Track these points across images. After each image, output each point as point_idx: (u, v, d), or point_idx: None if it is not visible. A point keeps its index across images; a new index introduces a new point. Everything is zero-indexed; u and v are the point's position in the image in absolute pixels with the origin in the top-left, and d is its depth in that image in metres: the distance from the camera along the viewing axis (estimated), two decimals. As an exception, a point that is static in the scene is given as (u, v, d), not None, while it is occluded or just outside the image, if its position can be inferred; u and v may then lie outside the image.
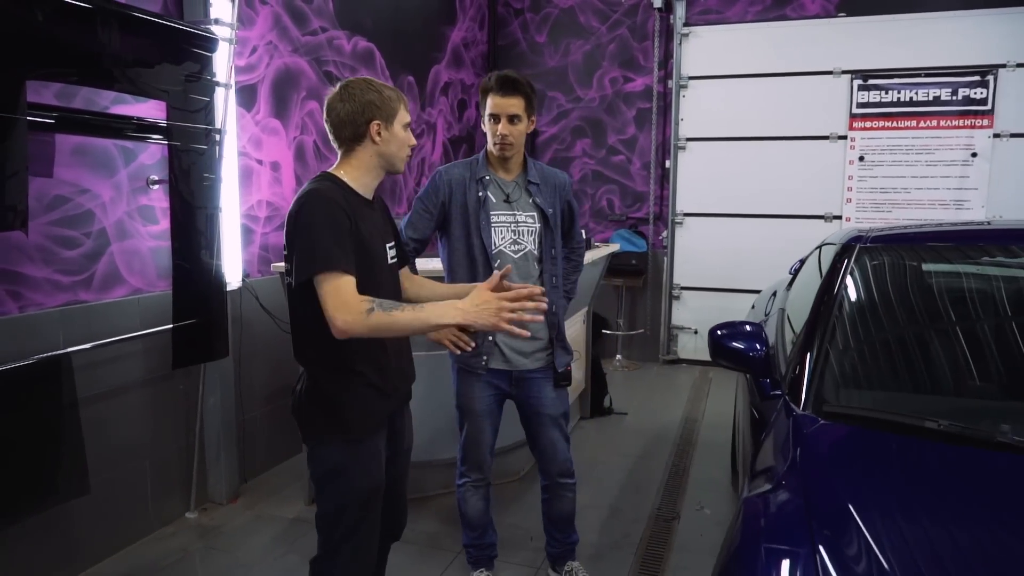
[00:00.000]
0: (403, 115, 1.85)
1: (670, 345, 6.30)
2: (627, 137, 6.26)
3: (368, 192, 1.86)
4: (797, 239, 5.76)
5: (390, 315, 1.63)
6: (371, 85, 1.82)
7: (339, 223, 1.69)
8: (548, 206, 2.38)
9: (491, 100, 2.26)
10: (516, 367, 2.37)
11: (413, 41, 5.11)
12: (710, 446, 4.21)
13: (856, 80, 5.57)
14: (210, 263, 2.85)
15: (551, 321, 2.39)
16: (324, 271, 1.64)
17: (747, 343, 2.07)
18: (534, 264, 2.36)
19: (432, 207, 2.32)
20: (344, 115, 1.79)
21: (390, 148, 1.82)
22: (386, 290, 1.87)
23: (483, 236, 2.29)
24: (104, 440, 2.76)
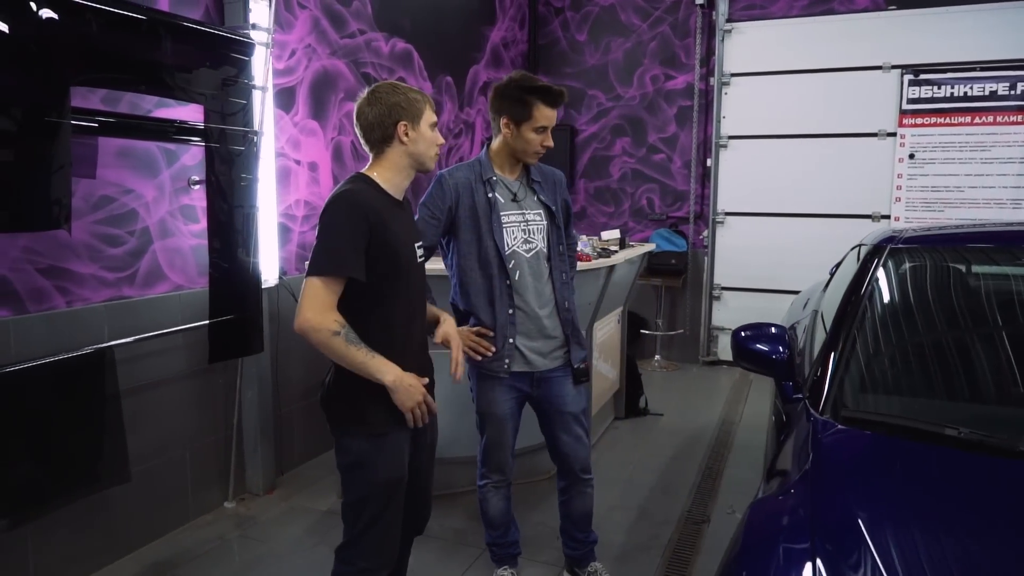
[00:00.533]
0: (429, 115, 1.90)
1: (710, 346, 6.21)
2: (668, 135, 6.19)
3: (399, 192, 1.92)
4: (842, 239, 5.56)
5: (347, 348, 1.73)
6: (396, 88, 1.88)
7: (358, 228, 1.74)
8: (551, 203, 2.40)
9: (541, 111, 2.25)
10: (537, 368, 2.38)
11: (452, 42, 5.16)
12: (746, 448, 4.14)
13: (907, 75, 5.39)
14: (247, 261, 2.94)
15: (565, 318, 2.39)
16: (327, 273, 1.72)
17: (770, 345, 2.04)
18: (544, 263, 2.37)
19: (439, 213, 2.32)
20: (372, 118, 1.85)
21: (418, 147, 1.88)
22: (415, 287, 1.94)
23: (496, 237, 2.29)
24: (146, 430, 2.87)
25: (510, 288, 2.31)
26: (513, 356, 2.35)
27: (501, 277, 2.31)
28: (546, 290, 2.38)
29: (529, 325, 2.35)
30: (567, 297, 2.41)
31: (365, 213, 1.76)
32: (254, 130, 2.90)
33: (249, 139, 2.90)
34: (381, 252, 1.79)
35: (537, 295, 2.36)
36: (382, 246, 1.79)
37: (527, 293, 2.34)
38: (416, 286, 1.93)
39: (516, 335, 2.34)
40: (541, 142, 2.29)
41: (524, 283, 2.33)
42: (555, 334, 2.39)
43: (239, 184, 2.89)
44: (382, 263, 1.81)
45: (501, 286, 2.31)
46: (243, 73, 2.83)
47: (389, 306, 1.85)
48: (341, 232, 1.73)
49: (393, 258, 1.82)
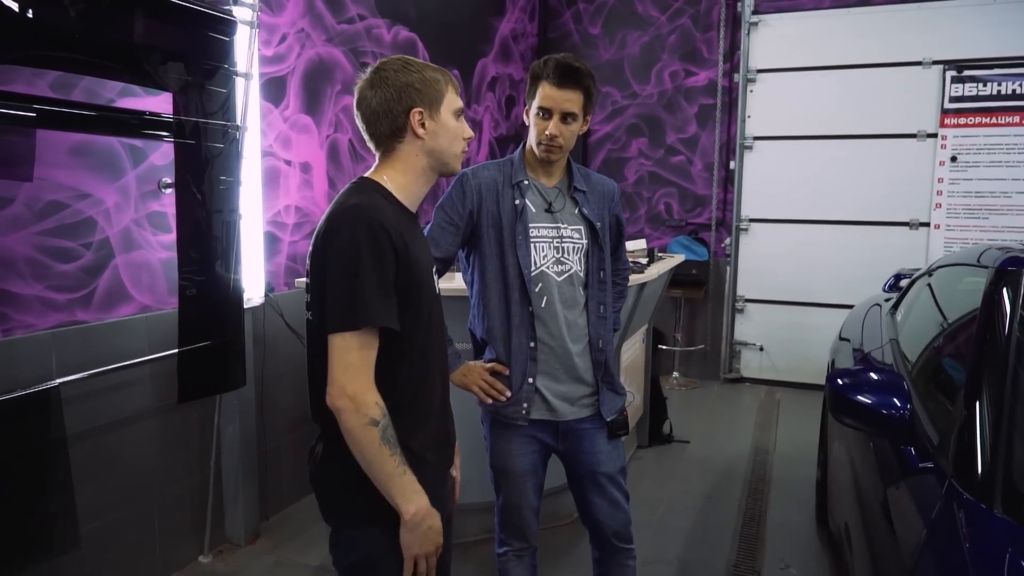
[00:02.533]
0: (452, 99, 1.45)
1: (732, 362, 5.80)
2: (688, 136, 5.77)
3: (415, 205, 1.48)
4: (878, 247, 5.24)
5: (379, 449, 1.31)
6: (409, 65, 1.43)
7: (387, 262, 1.31)
8: (596, 218, 1.95)
9: (544, 90, 1.83)
10: (562, 416, 1.95)
11: (459, 32, 4.73)
12: (787, 484, 3.72)
13: (949, 71, 4.99)
14: (226, 276, 2.50)
15: (597, 359, 1.96)
16: (361, 325, 1.29)
17: (881, 397, 1.61)
18: (579, 289, 1.94)
19: (458, 219, 1.90)
20: (377, 105, 1.40)
21: (439, 142, 1.44)
22: (437, 324, 1.49)
23: (519, 254, 1.87)
24: (106, 479, 2.43)
25: (532, 316, 1.89)
26: (532, 400, 1.91)
27: (522, 302, 1.88)
28: (580, 322, 1.94)
29: (555, 364, 1.92)
30: (603, 334, 1.97)
31: (389, 237, 1.31)
32: (236, 124, 2.47)
33: (230, 135, 2.46)
34: (407, 290, 1.36)
35: (568, 327, 1.92)
36: (408, 282, 1.36)
37: (555, 324, 1.91)
38: (438, 318, 1.50)
39: (537, 375, 1.91)
40: (544, 129, 1.85)
41: (552, 311, 1.90)
42: (587, 377, 1.96)
43: (217, 187, 2.46)
44: (409, 305, 1.37)
45: (522, 313, 1.89)
46: (223, 57, 2.39)
47: (419, 362, 1.42)
48: (365, 266, 1.29)
49: (417, 291, 1.39)
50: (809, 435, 4.17)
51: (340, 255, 1.30)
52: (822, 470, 3.26)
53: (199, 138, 2.35)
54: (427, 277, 1.44)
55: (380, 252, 1.29)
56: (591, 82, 1.88)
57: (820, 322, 5.42)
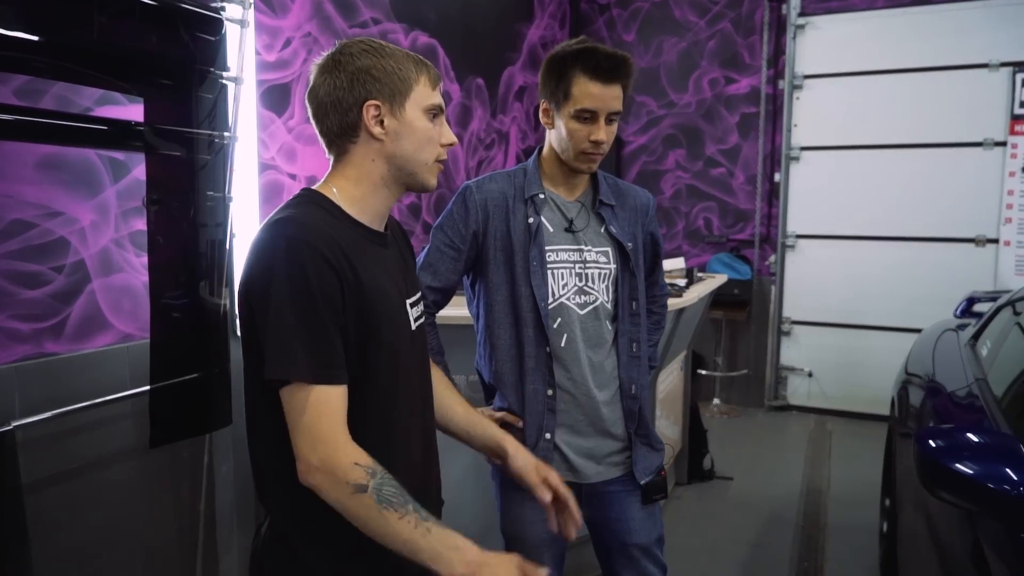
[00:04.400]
0: (424, 94, 1.17)
1: (778, 388, 5.39)
2: (728, 147, 5.42)
3: (378, 221, 1.21)
4: (940, 266, 4.81)
5: (379, 515, 1.01)
6: (372, 48, 1.16)
7: (319, 293, 1.04)
8: (627, 238, 1.65)
9: (584, 87, 1.51)
10: (586, 478, 1.64)
11: (483, 39, 4.48)
12: (845, 531, 3.33)
13: (1019, 74, 4.56)
14: (212, 303, 2.25)
15: (629, 408, 1.64)
16: (324, 379, 1.03)
17: (990, 467, 1.26)
18: (606, 324, 1.63)
19: (460, 241, 1.61)
20: (325, 94, 1.14)
21: (402, 147, 1.16)
22: (407, 373, 1.19)
23: (533, 283, 1.57)
24: (78, 530, 2.18)
25: (550, 358, 1.58)
26: (550, 459, 1.60)
27: (538, 341, 1.58)
28: (608, 364, 1.63)
29: (577, 415, 1.61)
30: (636, 377, 1.65)
31: (324, 261, 1.05)
32: (223, 133, 2.22)
33: (217, 145, 2.22)
34: (354, 324, 1.09)
35: (594, 371, 1.62)
36: (356, 313, 1.09)
37: (578, 367, 1.60)
38: (410, 366, 1.21)
39: (556, 428, 1.61)
40: (588, 135, 1.54)
41: (574, 352, 1.60)
42: (616, 431, 1.64)
43: (203, 203, 2.21)
44: (365, 344, 1.10)
45: (537, 354, 1.59)
46: (209, 59, 2.15)
47: (380, 415, 1.15)
48: (284, 299, 1.02)
49: (373, 328, 1.11)
50: (866, 473, 3.77)
51: (257, 285, 1.04)
52: (888, 520, 2.87)
53: (180, 149, 2.11)
54: (393, 310, 1.15)
55: (307, 281, 1.02)
56: (634, 74, 1.58)
57: (874, 346, 5.01)
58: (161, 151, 2.06)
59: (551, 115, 1.59)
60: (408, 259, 1.33)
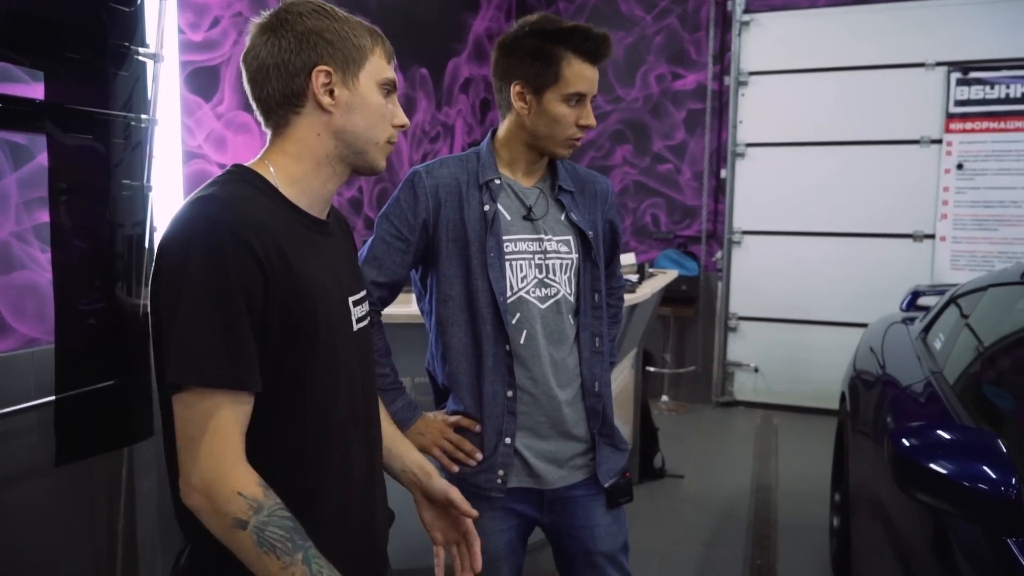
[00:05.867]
0: (379, 66, 1.05)
1: (725, 384, 5.40)
2: (675, 143, 5.40)
3: (320, 205, 1.07)
4: (880, 261, 4.90)
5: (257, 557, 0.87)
6: (324, 9, 1.02)
7: (240, 286, 0.89)
8: (588, 225, 1.54)
9: (576, 68, 1.41)
10: (548, 483, 1.52)
11: (427, 28, 4.33)
12: (795, 529, 3.31)
13: (954, 73, 4.67)
14: (132, 303, 2.05)
15: (592, 407, 1.54)
16: (223, 384, 0.88)
17: (969, 466, 1.20)
18: (568, 318, 1.52)
19: (407, 231, 1.47)
20: (267, 55, 1.00)
21: (354, 121, 1.03)
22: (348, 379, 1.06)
23: (491, 276, 1.44)
24: (-26, 555, 1.95)
25: (510, 356, 1.47)
26: (511, 465, 1.49)
27: (496, 339, 1.46)
28: (570, 361, 1.52)
29: (538, 416, 1.50)
30: (599, 374, 1.55)
31: (249, 249, 0.90)
32: (140, 117, 2.02)
33: (134, 130, 2.02)
34: (281, 323, 0.94)
35: (555, 369, 1.50)
36: (284, 311, 0.94)
37: (538, 366, 1.49)
38: (351, 371, 1.07)
39: (516, 431, 1.49)
40: (577, 119, 1.44)
41: (534, 349, 1.48)
42: (579, 432, 1.53)
43: (118, 193, 2.01)
44: (284, 344, 0.95)
45: (496, 353, 1.47)
46: (123, 33, 1.95)
47: (313, 431, 1.00)
48: (197, 292, 0.88)
49: (305, 332, 0.97)
50: (814, 468, 3.79)
51: (167, 275, 0.89)
52: (840, 515, 2.86)
53: (90, 132, 1.90)
54: (332, 308, 1.02)
55: (226, 272, 0.88)
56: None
57: (819, 341, 5.07)
58: (67, 134, 1.85)
59: (529, 98, 1.45)
60: (352, 253, 1.20)
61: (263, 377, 0.94)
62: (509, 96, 1.47)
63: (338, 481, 1.02)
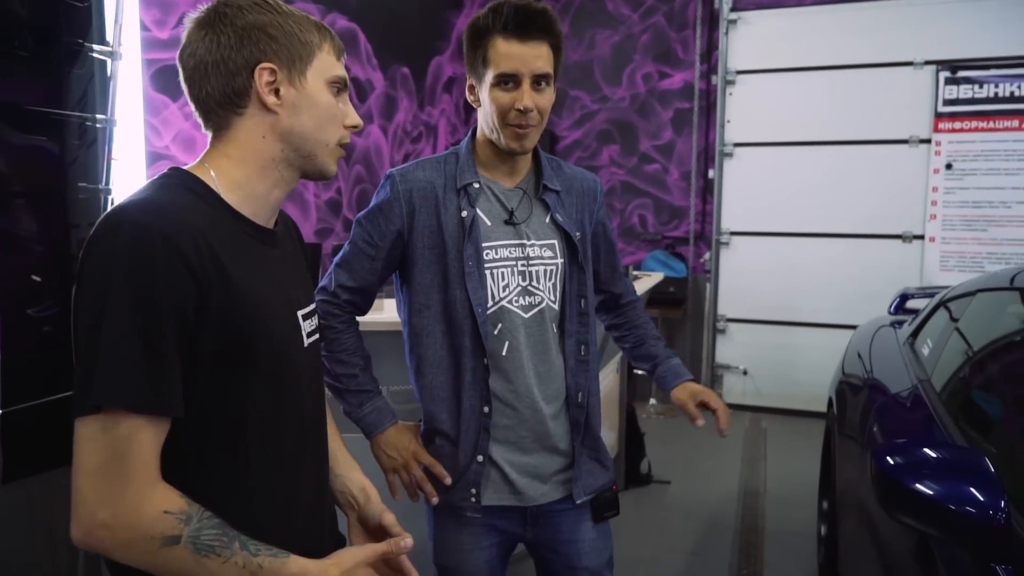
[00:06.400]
0: (328, 63, 0.98)
1: (713, 386, 5.34)
2: (663, 142, 5.34)
3: (266, 213, 1.00)
4: (870, 262, 4.85)
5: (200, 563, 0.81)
6: (266, 2, 0.95)
7: (173, 299, 0.83)
8: (575, 227, 1.46)
9: (501, 48, 1.31)
10: (530, 500, 1.45)
11: (409, 26, 4.25)
12: (783, 535, 3.25)
13: (943, 72, 4.62)
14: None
15: (574, 418, 1.46)
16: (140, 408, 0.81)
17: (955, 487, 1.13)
18: (552, 328, 1.44)
19: (379, 238, 1.40)
20: (206, 52, 0.93)
21: (301, 122, 0.96)
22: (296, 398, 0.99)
23: (468, 285, 1.37)
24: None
25: (487, 370, 1.39)
26: (486, 481, 1.42)
27: (475, 351, 1.39)
28: (554, 373, 1.45)
29: (521, 430, 1.43)
30: (583, 384, 1.47)
31: (182, 258, 0.83)
32: (96, 116, 1.94)
33: (89, 130, 1.93)
34: (216, 340, 0.87)
35: (540, 381, 1.43)
36: (221, 326, 0.87)
37: (521, 378, 1.41)
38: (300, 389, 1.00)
39: (493, 445, 1.42)
40: (513, 103, 1.32)
41: (517, 361, 1.41)
42: (563, 445, 1.47)
43: (74, 196, 1.92)
44: (220, 362, 0.88)
45: (475, 365, 1.39)
46: (77, 29, 1.87)
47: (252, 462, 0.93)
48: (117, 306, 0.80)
49: (245, 349, 0.90)
50: (802, 472, 3.73)
51: (88, 289, 0.82)
52: (827, 523, 2.80)
53: (42, 132, 1.82)
54: (276, 323, 0.95)
55: (153, 285, 0.81)
56: (560, 29, 1.37)
57: (808, 343, 5.01)
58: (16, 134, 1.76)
59: (475, 91, 1.39)
60: (302, 263, 1.12)
61: (199, 397, 0.87)
62: (472, 93, 1.41)
63: (282, 510, 0.95)
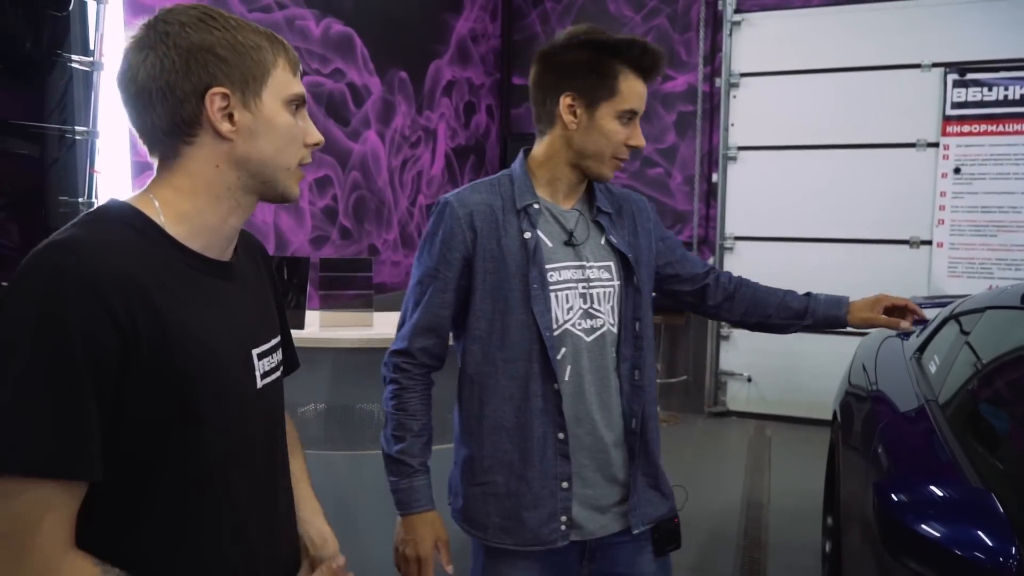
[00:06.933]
0: (284, 80, 0.90)
1: (717, 394, 5.28)
2: (666, 146, 5.27)
3: (220, 244, 0.92)
4: (876, 268, 4.76)
5: None
6: (211, 18, 0.86)
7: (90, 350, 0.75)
8: (628, 248, 1.43)
9: (631, 85, 1.33)
10: (590, 534, 1.39)
11: (407, 29, 4.19)
12: (786, 550, 3.18)
13: (951, 74, 4.53)
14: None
15: (629, 445, 1.41)
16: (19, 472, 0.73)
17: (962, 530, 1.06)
18: (611, 351, 1.39)
19: (447, 268, 1.35)
20: (149, 78, 0.84)
21: (258, 148, 0.89)
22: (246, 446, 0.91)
23: (535, 308, 1.32)
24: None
25: (559, 395, 1.34)
26: (570, 510, 1.36)
27: (543, 376, 1.34)
28: (613, 399, 1.40)
29: (583, 459, 1.38)
30: (637, 409, 1.41)
31: (104, 302, 0.75)
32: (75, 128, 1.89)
33: (69, 142, 1.88)
34: (153, 386, 0.80)
35: (601, 408, 1.39)
36: (152, 374, 0.79)
37: (582, 404, 1.37)
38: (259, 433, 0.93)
39: (572, 476, 1.37)
40: (627, 138, 1.35)
41: (578, 386, 1.37)
42: (622, 475, 1.41)
43: (55, 209, 1.87)
44: (159, 410, 0.81)
45: (545, 391, 1.34)
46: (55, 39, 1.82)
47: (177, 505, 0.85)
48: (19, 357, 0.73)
49: (186, 393, 0.83)
50: (806, 483, 3.65)
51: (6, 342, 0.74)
52: (832, 539, 2.73)
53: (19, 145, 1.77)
54: (222, 364, 0.87)
55: (67, 335, 0.73)
56: None
57: (814, 350, 4.92)
58: None
59: (580, 112, 1.34)
60: (268, 291, 1.04)
61: (132, 449, 0.80)
62: (555, 110, 1.35)
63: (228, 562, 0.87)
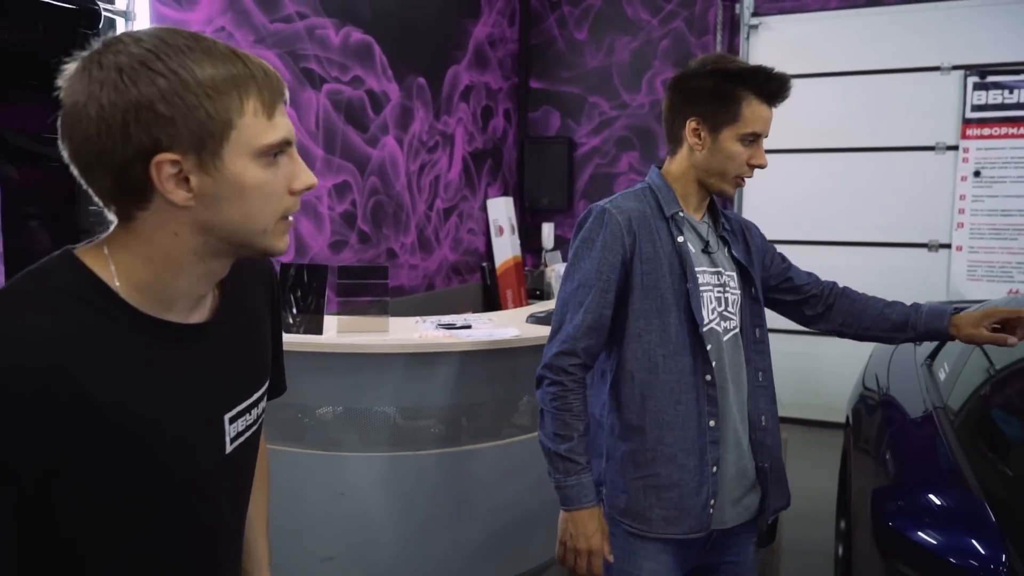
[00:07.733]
0: (254, 128, 0.73)
1: (733, 396, 5.28)
2: (682, 149, 5.28)
3: (187, 306, 0.80)
4: (893, 272, 4.74)
5: None
6: (153, 52, 0.69)
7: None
8: (748, 262, 1.56)
9: (755, 109, 1.43)
10: (723, 523, 1.47)
11: (425, 35, 4.25)
12: (800, 554, 3.20)
13: (971, 77, 4.50)
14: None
15: (759, 441, 1.50)
16: None
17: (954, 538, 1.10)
18: (742, 351, 1.51)
19: (610, 271, 1.42)
20: (82, 140, 0.70)
21: (223, 214, 0.75)
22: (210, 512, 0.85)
23: (693, 306, 1.43)
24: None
25: (712, 385, 1.44)
26: (716, 496, 1.45)
27: (696, 370, 1.44)
28: (744, 396, 1.51)
29: (725, 453, 1.48)
30: (763, 408, 1.51)
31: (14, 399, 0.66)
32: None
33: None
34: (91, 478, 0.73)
35: (739, 403, 1.49)
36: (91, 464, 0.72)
37: (724, 399, 1.47)
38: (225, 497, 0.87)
39: (720, 460, 1.46)
40: (749, 159, 1.45)
41: (722, 381, 1.47)
42: (751, 469, 1.50)
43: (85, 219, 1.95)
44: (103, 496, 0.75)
45: (697, 384, 1.44)
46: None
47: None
48: None
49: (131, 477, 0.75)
50: (820, 486, 3.65)
51: None
52: (844, 543, 2.75)
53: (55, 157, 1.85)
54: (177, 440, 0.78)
55: None
56: None
57: (829, 353, 4.91)
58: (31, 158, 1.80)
59: (704, 134, 1.46)
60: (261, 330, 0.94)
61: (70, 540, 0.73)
62: (682, 131, 1.48)
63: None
